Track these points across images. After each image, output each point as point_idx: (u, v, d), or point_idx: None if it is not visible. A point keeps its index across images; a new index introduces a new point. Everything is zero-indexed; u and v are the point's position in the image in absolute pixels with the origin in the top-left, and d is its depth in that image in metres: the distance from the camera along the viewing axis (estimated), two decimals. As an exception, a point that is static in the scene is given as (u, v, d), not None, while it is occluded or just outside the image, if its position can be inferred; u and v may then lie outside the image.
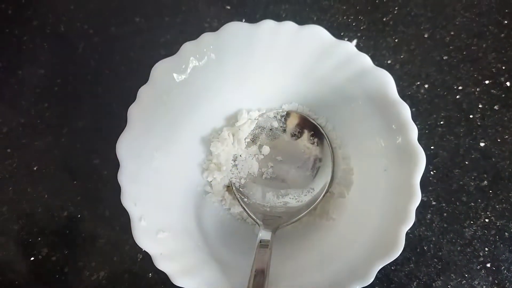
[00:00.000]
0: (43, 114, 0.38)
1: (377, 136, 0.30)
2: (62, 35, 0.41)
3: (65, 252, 0.35)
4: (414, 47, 0.39)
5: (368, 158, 0.31)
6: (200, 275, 0.28)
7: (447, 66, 0.39)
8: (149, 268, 0.34)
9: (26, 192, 0.37)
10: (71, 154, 0.37)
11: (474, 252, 0.35)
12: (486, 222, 0.35)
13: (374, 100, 0.30)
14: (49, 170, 0.37)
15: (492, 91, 0.38)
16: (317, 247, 0.31)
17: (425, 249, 0.35)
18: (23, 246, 0.36)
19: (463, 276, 0.34)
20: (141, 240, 0.27)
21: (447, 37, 0.40)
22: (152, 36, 0.40)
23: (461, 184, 0.36)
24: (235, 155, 0.34)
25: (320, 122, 0.34)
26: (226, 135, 0.33)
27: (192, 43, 0.30)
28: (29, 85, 0.39)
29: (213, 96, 0.32)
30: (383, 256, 0.26)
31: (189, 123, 0.32)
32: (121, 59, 0.40)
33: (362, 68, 0.29)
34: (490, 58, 0.39)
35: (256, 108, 0.35)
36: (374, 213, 0.29)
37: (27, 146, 0.38)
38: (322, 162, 0.33)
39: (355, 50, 0.29)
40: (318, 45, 0.30)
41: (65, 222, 0.36)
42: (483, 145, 0.37)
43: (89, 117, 0.38)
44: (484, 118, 0.38)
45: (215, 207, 0.34)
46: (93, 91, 0.39)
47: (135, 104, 0.29)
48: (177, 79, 0.29)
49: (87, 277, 0.35)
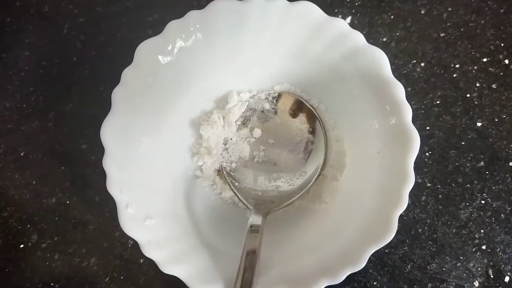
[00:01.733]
0: (28, 98, 0.37)
1: (370, 117, 0.29)
2: (47, 16, 0.39)
3: (54, 239, 0.35)
4: (410, 24, 0.38)
5: (362, 140, 0.30)
6: (190, 262, 0.27)
7: (444, 44, 0.38)
8: (140, 254, 0.33)
9: (14, 179, 0.36)
10: (58, 139, 0.37)
11: (469, 234, 0.34)
12: (482, 203, 0.35)
13: (367, 80, 0.29)
14: (37, 156, 0.36)
15: (490, 69, 0.37)
16: (309, 232, 0.30)
17: (419, 231, 0.34)
18: (12, 234, 0.35)
19: (458, 258, 0.34)
20: (128, 227, 0.26)
21: (445, 13, 0.38)
22: (140, 16, 0.38)
23: (457, 165, 0.35)
24: (225, 139, 0.33)
25: (313, 103, 0.33)
26: (216, 118, 0.32)
27: (177, 21, 0.28)
28: (14, 69, 0.38)
29: (202, 78, 0.31)
30: (376, 241, 0.26)
31: (177, 106, 0.31)
32: (108, 40, 0.38)
33: (355, 47, 0.28)
34: (489, 35, 0.38)
35: (247, 89, 0.34)
36: (367, 196, 0.28)
37: (13, 131, 0.37)
38: (314, 145, 0.32)
39: (348, 28, 0.28)
40: (309, 23, 0.29)
41: (54, 208, 0.35)
42: (480, 125, 0.36)
43: (76, 100, 0.37)
44: (481, 97, 0.37)
45: (206, 192, 0.33)
46: (80, 74, 0.38)
47: (119, 87, 0.28)
48: (162, 60, 0.28)
49: (77, 263, 0.34)
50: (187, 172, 0.33)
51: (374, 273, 0.33)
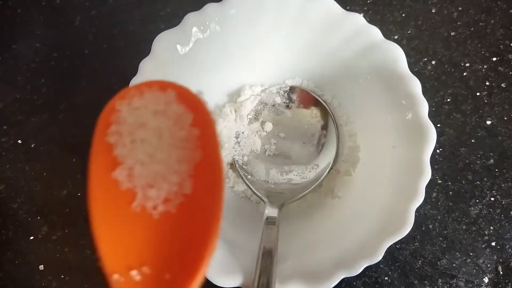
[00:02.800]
0: (39, 90, 0.37)
1: (385, 112, 0.30)
2: (58, 8, 0.39)
3: (65, 231, 0.35)
4: (421, 23, 0.38)
5: (376, 135, 0.30)
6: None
7: (454, 42, 0.38)
8: (152, 247, 0.34)
9: (24, 170, 0.36)
10: (69, 131, 0.36)
11: (479, 231, 0.34)
12: (492, 200, 0.35)
13: (383, 75, 0.29)
14: (47, 147, 0.36)
15: (500, 68, 0.38)
16: (324, 225, 0.30)
17: (430, 227, 0.34)
18: (22, 226, 0.35)
19: (468, 254, 0.34)
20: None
21: (455, 13, 0.39)
22: (152, 9, 0.38)
23: (467, 162, 0.36)
24: (237, 132, 0.33)
25: (326, 98, 0.33)
26: (228, 111, 0.33)
27: (195, 14, 0.28)
28: (25, 60, 0.38)
29: (216, 71, 0.32)
30: (392, 234, 0.26)
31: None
32: (120, 33, 0.38)
33: (371, 42, 0.29)
34: (498, 35, 0.38)
35: (260, 83, 0.34)
36: (382, 190, 0.29)
37: (23, 122, 0.37)
38: (326, 138, 0.33)
39: (364, 23, 0.29)
40: (326, 17, 0.29)
41: (65, 200, 0.35)
42: (489, 123, 0.36)
43: (87, 92, 0.37)
44: (491, 96, 0.37)
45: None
46: (91, 66, 0.38)
47: (137, 77, 0.28)
48: (180, 51, 0.28)
49: (89, 256, 0.34)
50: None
51: (385, 268, 0.33)
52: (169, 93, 0.20)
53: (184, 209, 0.19)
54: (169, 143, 0.19)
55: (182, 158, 0.19)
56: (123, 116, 0.19)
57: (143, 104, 0.20)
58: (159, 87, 0.20)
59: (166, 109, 0.20)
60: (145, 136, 0.19)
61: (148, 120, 0.19)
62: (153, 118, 0.19)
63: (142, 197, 0.19)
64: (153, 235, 0.19)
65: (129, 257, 0.18)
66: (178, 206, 0.19)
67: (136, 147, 0.19)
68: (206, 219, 0.18)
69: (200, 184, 0.19)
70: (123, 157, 0.19)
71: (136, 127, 0.19)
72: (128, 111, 0.19)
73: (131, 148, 0.19)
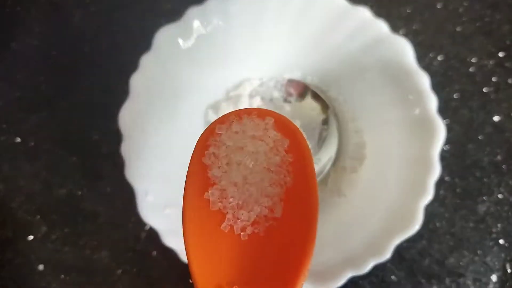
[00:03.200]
0: (39, 88, 0.37)
1: (392, 107, 0.29)
2: (57, 5, 0.38)
3: (65, 231, 0.34)
4: (427, 17, 0.37)
5: (382, 131, 0.30)
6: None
7: (460, 38, 0.37)
8: (153, 246, 0.33)
9: (23, 169, 0.35)
10: (69, 130, 0.36)
11: (487, 229, 0.34)
12: (500, 198, 0.34)
13: (390, 70, 0.28)
14: (47, 146, 0.36)
15: (506, 64, 0.37)
16: (331, 225, 0.29)
17: (437, 225, 0.34)
18: (22, 225, 0.34)
19: (476, 252, 0.33)
20: (148, 215, 0.26)
21: (460, 8, 0.38)
22: (153, 4, 0.38)
23: (475, 159, 0.35)
24: None
25: (331, 94, 0.32)
26: (226, 107, 0.32)
27: (197, 8, 0.28)
28: (24, 58, 0.37)
29: (217, 66, 0.31)
30: (401, 231, 0.25)
31: (192, 93, 0.31)
32: (119, 30, 0.38)
33: (378, 36, 0.28)
34: (505, 30, 0.38)
35: (260, 78, 0.33)
36: (389, 187, 0.28)
37: (23, 121, 0.36)
38: (327, 131, 0.32)
39: (370, 16, 0.28)
40: (331, 11, 0.29)
41: (65, 199, 0.34)
42: (497, 120, 0.36)
43: (87, 90, 0.37)
44: (498, 92, 0.36)
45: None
46: (91, 63, 0.37)
47: (138, 73, 0.27)
48: (182, 46, 0.28)
49: (89, 256, 0.33)
50: (203, 162, 0.32)
51: (392, 267, 0.33)
52: (267, 120, 0.21)
53: (273, 232, 0.20)
54: (263, 167, 0.20)
55: (274, 182, 0.20)
56: (222, 139, 0.21)
57: (242, 129, 0.21)
58: (258, 114, 0.21)
59: (263, 135, 0.21)
60: (241, 159, 0.20)
61: (245, 144, 0.21)
62: (251, 142, 0.21)
63: (232, 218, 0.20)
64: (241, 255, 0.19)
65: (219, 276, 0.19)
66: (267, 228, 0.20)
67: (232, 170, 0.20)
68: (297, 244, 0.19)
69: (292, 208, 0.20)
70: (217, 178, 0.20)
71: (233, 150, 0.21)
72: (227, 135, 0.21)
73: (226, 170, 0.20)
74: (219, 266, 0.19)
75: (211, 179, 0.21)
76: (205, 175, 0.21)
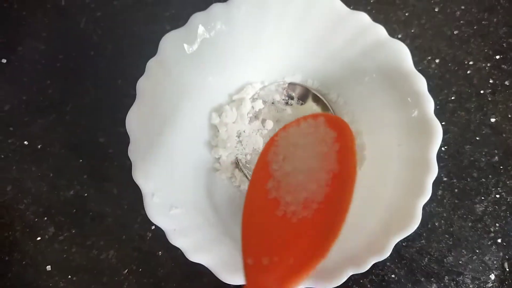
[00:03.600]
0: (45, 91, 0.37)
1: (391, 110, 0.30)
2: (63, 10, 0.39)
3: (72, 232, 0.35)
4: (424, 21, 0.38)
5: (381, 133, 0.31)
6: (215, 251, 0.27)
7: (457, 41, 0.38)
8: (159, 246, 0.34)
9: (31, 171, 0.36)
10: (75, 132, 0.37)
11: (485, 228, 0.34)
12: (497, 197, 0.35)
13: (389, 73, 0.29)
14: (54, 148, 0.36)
15: (503, 66, 0.38)
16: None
17: (436, 225, 0.34)
18: (29, 226, 0.35)
19: (474, 251, 0.34)
20: (155, 216, 0.26)
21: (458, 11, 0.39)
22: (157, 10, 0.38)
23: (472, 160, 0.36)
24: (238, 131, 0.33)
25: (332, 97, 0.33)
26: (229, 111, 0.33)
27: (201, 13, 0.29)
28: (30, 62, 0.38)
29: (221, 70, 0.32)
30: (400, 230, 0.26)
31: (197, 97, 0.31)
32: (125, 34, 0.38)
33: (376, 40, 0.29)
34: (501, 33, 0.39)
35: (262, 81, 0.34)
36: (389, 188, 0.29)
37: (30, 124, 0.37)
38: None
39: (369, 21, 0.29)
40: (330, 16, 0.29)
41: (72, 201, 0.35)
42: (493, 121, 0.36)
43: (93, 93, 0.37)
44: (494, 94, 0.37)
45: (225, 185, 0.33)
46: (96, 67, 0.38)
47: (144, 77, 0.28)
48: (188, 50, 0.28)
49: (95, 256, 0.34)
50: (206, 164, 0.33)
51: (392, 266, 0.33)
52: (319, 119, 0.25)
53: (317, 213, 0.22)
54: (312, 156, 0.24)
55: (321, 169, 0.23)
56: (281, 139, 0.26)
57: (297, 129, 0.25)
58: (312, 116, 0.26)
59: (315, 131, 0.24)
60: (294, 152, 0.24)
61: (299, 140, 0.25)
62: (303, 138, 0.25)
63: (285, 204, 0.23)
64: (288, 233, 0.22)
65: (263, 249, 0.22)
66: (314, 211, 0.22)
67: (286, 163, 0.24)
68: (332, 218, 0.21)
69: (335, 191, 0.22)
70: (275, 171, 0.24)
71: (288, 146, 0.25)
72: (285, 135, 0.26)
73: (282, 164, 0.24)
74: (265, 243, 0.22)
75: (271, 173, 0.24)
76: (267, 170, 0.24)
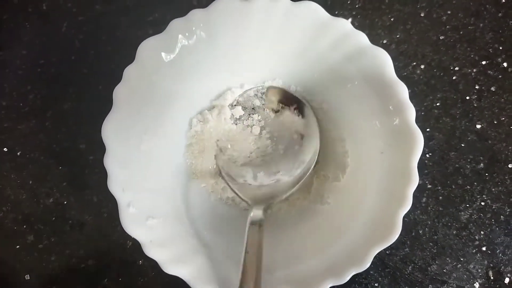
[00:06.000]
0: (26, 97, 0.37)
1: (373, 117, 0.29)
2: (45, 14, 0.39)
3: (51, 240, 0.34)
4: (410, 27, 0.38)
5: (364, 140, 0.30)
6: (192, 263, 0.27)
7: (443, 46, 0.38)
8: (139, 255, 0.33)
9: (10, 178, 0.35)
10: (56, 139, 0.36)
11: (469, 236, 0.34)
12: (482, 205, 0.35)
13: (370, 80, 0.29)
14: (34, 155, 0.36)
15: (489, 72, 0.38)
16: (313, 233, 0.30)
17: (420, 232, 0.34)
18: (8, 234, 0.34)
19: (459, 259, 0.34)
20: (130, 227, 0.26)
21: (444, 16, 0.39)
22: (139, 14, 0.38)
23: (457, 167, 0.35)
24: (218, 139, 0.33)
25: (315, 103, 0.33)
26: (210, 117, 0.32)
27: (180, 20, 0.28)
28: (11, 67, 0.38)
29: (201, 77, 0.31)
30: (380, 241, 0.26)
31: (176, 104, 0.31)
32: (107, 39, 0.38)
33: (358, 47, 0.28)
34: (488, 38, 0.38)
35: (244, 88, 0.34)
36: (370, 197, 0.28)
37: (10, 130, 0.36)
38: (308, 131, 0.32)
39: (351, 28, 0.28)
40: (313, 22, 0.29)
41: (51, 209, 0.35)
42: (479, 127, 0.36)
43: (75, 99, 0.37)
44: (480, 100, 0.37)
45: (205, 192, 0.33)
46: (78, 73, 0.37)
47: (121, 84, 0.27)
48: (165, 58, 0.28)
49: (75, 265, 0.34)
50: (187, 172, 0.32)
51: (375, 274, 0.33)
52: None
53: None
54: None
55: None
56: None
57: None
58: None
59: None
60: None
61: None
62: None
63: None
64: None
65: None
66: None
67: None
68: None
69: None
70: None
71: None
72: None
73: None
74: None
75: None
76: None
